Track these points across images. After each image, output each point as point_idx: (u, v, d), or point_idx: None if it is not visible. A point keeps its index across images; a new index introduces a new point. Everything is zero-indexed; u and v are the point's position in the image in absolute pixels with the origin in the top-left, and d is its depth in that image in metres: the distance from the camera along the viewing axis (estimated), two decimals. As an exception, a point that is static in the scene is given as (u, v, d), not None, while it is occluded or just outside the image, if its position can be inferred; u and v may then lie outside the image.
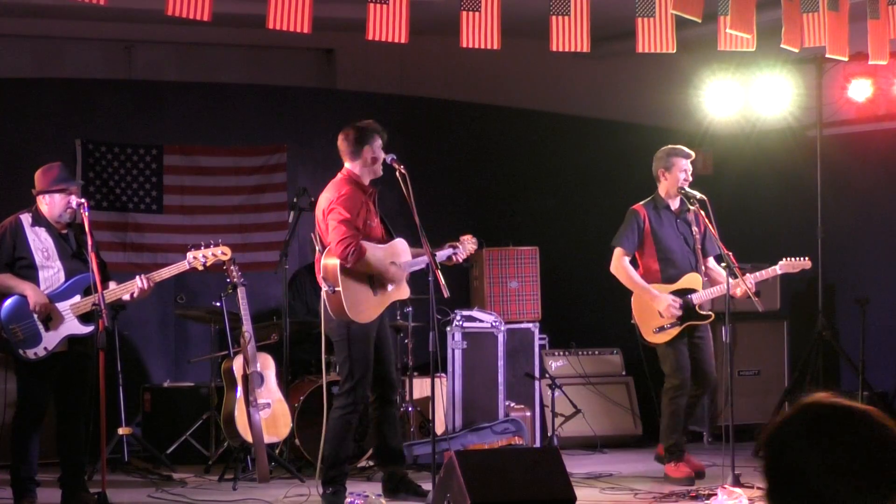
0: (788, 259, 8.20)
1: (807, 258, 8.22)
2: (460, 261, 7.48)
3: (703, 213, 8.17)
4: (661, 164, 8.23)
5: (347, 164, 7.41)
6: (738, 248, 8.20)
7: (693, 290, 8.06)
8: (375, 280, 7.27)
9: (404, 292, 7.41)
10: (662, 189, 8.24)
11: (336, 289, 7.08)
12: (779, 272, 8.26)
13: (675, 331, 8.07)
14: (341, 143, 7.41)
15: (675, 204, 8.22)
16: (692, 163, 8.26)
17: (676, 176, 8.15)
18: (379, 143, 7.38)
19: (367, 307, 7.25)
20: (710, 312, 8.13)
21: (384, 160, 7.33)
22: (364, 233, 7.25)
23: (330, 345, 7.47)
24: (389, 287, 7.29)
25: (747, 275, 7.91)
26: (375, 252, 7.24)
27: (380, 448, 7.66)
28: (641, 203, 8.27)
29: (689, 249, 8.17)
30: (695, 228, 8.12)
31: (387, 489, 7.51)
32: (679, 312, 8.01)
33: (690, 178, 8.20)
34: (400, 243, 7.38)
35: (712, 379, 8.23)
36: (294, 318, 8.79)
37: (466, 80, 10.85)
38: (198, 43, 10.59)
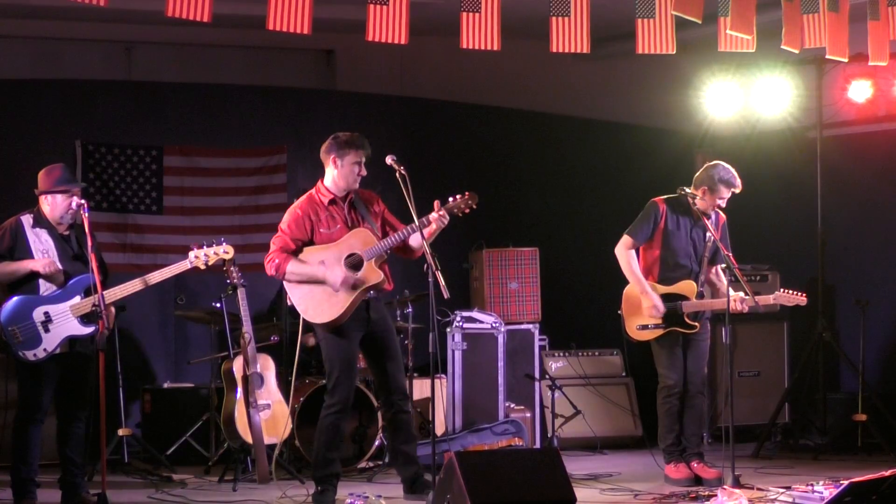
0: (786, 291, 8.14)
1: (803, 294, 8.15)
2: (436, 226, 7.22)
3: (723, 218, 8.16)
4: (707, 182, 8.07)
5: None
6: (737, 249, 8.19)
7: (685, 298, 8.04)
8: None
9: (373, 277, 7.24)
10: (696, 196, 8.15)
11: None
12: (772, 301, 8.22)
13: (658, 332, 8.05)
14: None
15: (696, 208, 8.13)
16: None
17: (714, 202, 8.06)
18: (352, 157, 7.33)
19: (327, 306, 7.24)
20: (697, 324, 8.08)
21: (386, 162, 7.30)
22: (322, 241, 7.28)
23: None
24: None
25: (741, 293, 7.86)
26: (308, 258, 7.23)
27: (392, 452, 7.62)
28: (664, 197, 8.21)
29: (695, 257, 8.12)
30: (709, 235, 8.05)
31: (406, 489, 7.47)
32: (658, 319, 8.00)
33: (723, 206, 8.13)
34: (354, 235, 7.28)
35: (701, 378, 8.19)
36: (294, 319, 8.79)
37: (466, 81, 10.86)
38: (198, 44, 10.59)
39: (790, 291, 8.12)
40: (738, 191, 8.14)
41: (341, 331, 7.29)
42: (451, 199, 7.30)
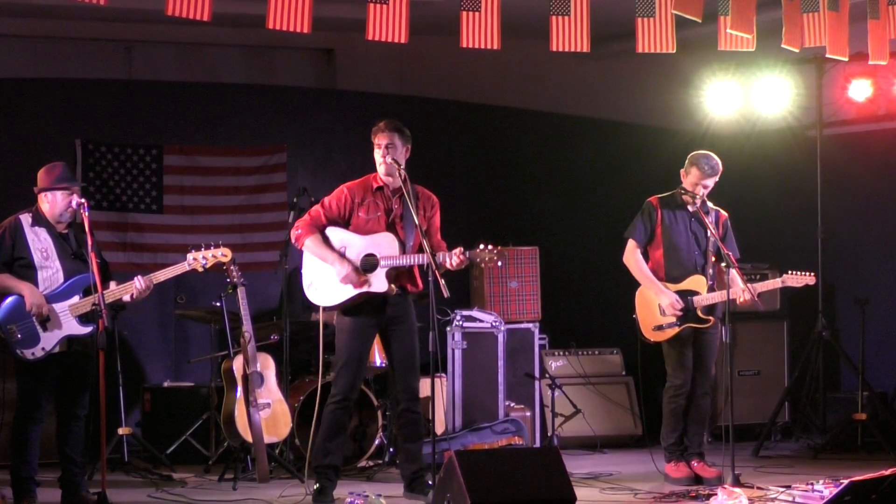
0: (793, 272, 8.14)
1: (811, 273, 8.14)
2: (452, 266, 7.26)
3: (724, 215, 8.15)
4: (685, 165, 8.11)
5: None
6: (738, 248, 8.19)
7: (696, 293, 8.04)
8: None
9: (379, 285, 7.30)
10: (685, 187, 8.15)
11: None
12: (780, 285, 8.22)
13: (673, 331, 8.05)
14: None
15: (693, 204, 8.12)
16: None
17: (693, 187, 8.04)
18: (375, 143, 7.41)
19: (330, 293, 7.32)
20: (711, 318, 8.07)
21: (386, 161, 7.32)
22: (357, 224, 7.34)
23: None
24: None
25: (749, 284, 7.86)
26: (332, 237, 7.34)
27: (398, 448, 7.63)
28: (659, 196, 8.21)
29: (699, 250, 8.11)
30: (710, 231, 8.04)
31: (405, 486, 7.48)
32: (679, 312, 7.99)
33: (703, 191, 8.05)
34: (382, 237, 7.34)
35: (709, 379, 8.19)
36: (293, 318, 8.79)
37: (466, 80, 10.85)
38: (198, 43, 10.59)
39: (797, 272, 8.12)
40: (712, 174, 8.03)
41: (355, 323, 7.35)
42: (480, 246, 7.25)
